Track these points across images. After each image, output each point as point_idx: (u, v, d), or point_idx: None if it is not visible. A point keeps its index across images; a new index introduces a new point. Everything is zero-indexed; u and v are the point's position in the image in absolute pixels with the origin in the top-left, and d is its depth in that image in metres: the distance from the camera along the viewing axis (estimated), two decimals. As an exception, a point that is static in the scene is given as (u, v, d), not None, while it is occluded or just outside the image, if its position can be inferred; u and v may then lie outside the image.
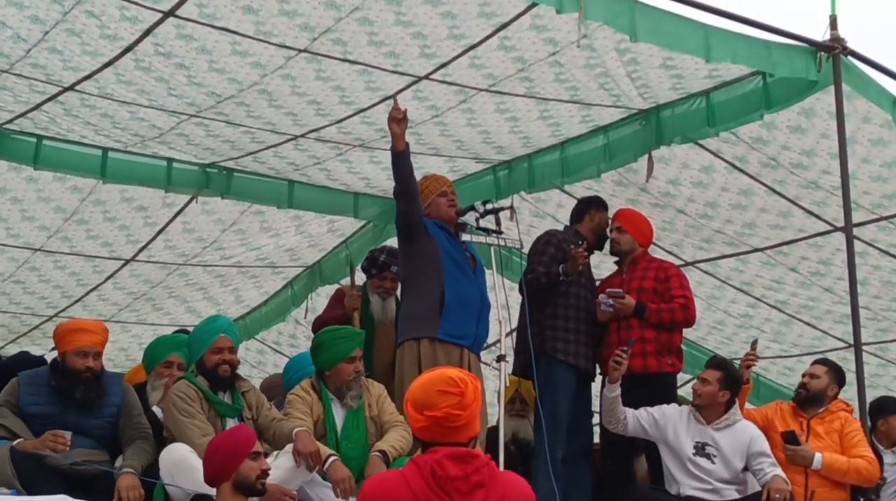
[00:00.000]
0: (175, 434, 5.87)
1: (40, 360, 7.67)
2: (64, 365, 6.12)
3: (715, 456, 6.59)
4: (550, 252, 7.13)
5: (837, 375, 7.04)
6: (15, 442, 5.80)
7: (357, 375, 6.25)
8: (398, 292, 7.23)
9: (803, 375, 7.14)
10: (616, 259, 7.47)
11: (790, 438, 6.68)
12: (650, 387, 6.91)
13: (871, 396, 7.24)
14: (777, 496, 6.23)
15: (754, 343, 7.42)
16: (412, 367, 6.32)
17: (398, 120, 6.33)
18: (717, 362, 6.98)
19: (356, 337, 6.47)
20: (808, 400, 6.93)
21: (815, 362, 7.30)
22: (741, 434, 6.64)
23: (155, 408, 6.59)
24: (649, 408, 6.81)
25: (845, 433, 6.72)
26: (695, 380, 7.21)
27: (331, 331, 6.56)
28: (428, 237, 6.54)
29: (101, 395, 6.11)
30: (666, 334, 7.05)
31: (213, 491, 5.27)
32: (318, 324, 7.80)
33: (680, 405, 6.98)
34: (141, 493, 5.68)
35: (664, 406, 6.87)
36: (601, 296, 7.16)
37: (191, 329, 8.89)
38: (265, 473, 5.17)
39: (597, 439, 7.65)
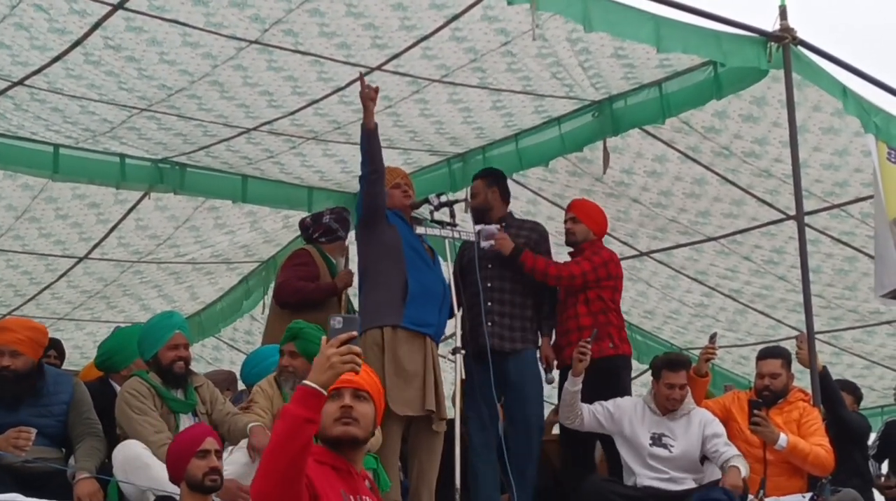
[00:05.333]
0: (128, 432, 5.79)
1: None
2: None
3: (672, 446, 6.61)
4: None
5: (790, 363, 7.02)
6: None
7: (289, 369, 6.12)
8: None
9: (761, 375, 6.89)
10: (571, 250, 7.44)
11: (756, 405, 6.63)
12: (597, 372, 6.76)
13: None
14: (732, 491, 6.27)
15: (713, 336, 7.39)
16: (377, 354, 6.26)
17: (371, 98, 6.27)
18: (682, 361, 6.88)
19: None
20: (774, 399, 6.88)
21: (767, 356, 6.98)
22: (695, 419, 6.67)
23: None
24: (604, 403, 6.77)
25: (803, 422, 6.69)
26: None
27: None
28: (389, 225, 6.52)
29: (21, 395, 5.88)
30: (603, 316, 7.04)
31: (170, 489, 5.25)
32: (288, 289, 7.28)
33: None
34: (101, 498, 5.59)
35: (618, 399, 6.84)
36: (478, 229, 6.99)
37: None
38: (213, 470, 5.09)
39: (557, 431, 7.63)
